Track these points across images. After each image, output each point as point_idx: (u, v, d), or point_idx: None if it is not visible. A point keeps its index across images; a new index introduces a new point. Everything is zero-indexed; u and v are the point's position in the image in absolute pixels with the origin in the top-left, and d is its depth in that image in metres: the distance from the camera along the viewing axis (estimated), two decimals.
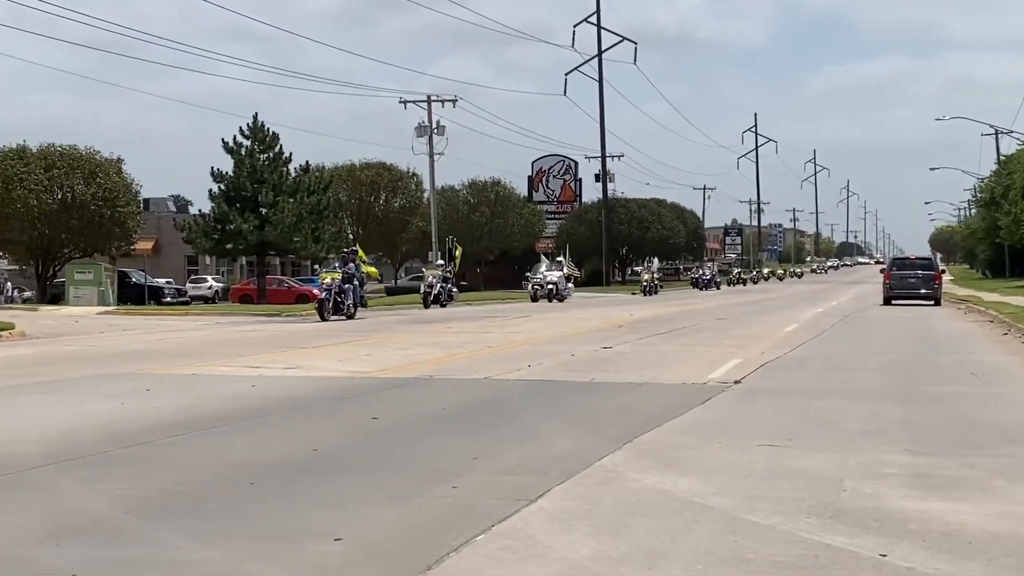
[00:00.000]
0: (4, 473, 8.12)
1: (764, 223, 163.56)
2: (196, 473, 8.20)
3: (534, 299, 50.79)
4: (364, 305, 35.37)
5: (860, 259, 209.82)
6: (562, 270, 54.22)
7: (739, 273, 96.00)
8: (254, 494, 7.42)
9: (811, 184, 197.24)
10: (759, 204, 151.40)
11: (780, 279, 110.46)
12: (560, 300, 50.84)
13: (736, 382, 14.26)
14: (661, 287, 70.51)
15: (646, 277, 67.00)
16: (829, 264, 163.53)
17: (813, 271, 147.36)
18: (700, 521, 6.65)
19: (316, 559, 5.88)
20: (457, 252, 49.71)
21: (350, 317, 32.67)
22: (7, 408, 12.15)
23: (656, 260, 73.47)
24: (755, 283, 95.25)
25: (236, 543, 6.19)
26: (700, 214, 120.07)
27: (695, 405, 12.01)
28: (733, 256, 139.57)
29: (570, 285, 54.92)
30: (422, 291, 44.84)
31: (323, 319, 31.80)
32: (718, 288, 76.57)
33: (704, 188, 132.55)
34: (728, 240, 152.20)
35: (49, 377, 15.56)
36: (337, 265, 35.04)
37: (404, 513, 6.94)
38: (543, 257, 57.99)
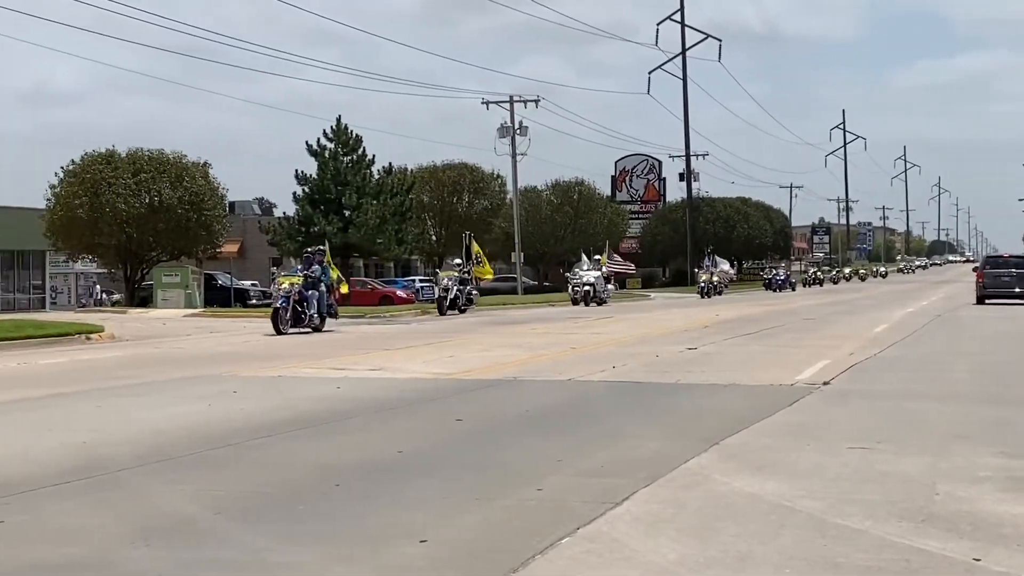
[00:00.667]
0: (95, 474, 8.23)
1: (853, 221, 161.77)
2: (283, 475, 8.25)
3: (575, 302, 46.54)
4: (334, 315, 29.93)
5: (951, 257, 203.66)
6: (600, 269, 49.20)
7: (815, 273, 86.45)
8: (340, 496, 7.45)
9: (901, 181, 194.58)
10: (847, 202, 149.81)
11: (862, 279, 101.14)
12: (599, 303, 46.46)
13: (825, 383, 14.05)
14: (726, 287, 65.55)
15: (704, 278, 60.20)
16: (917, 263, 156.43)
17: (900, 270, 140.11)
18: (788, 525, 6.54)
19: (402, 561, 5.88)
20: (475, 249, 43.89)
21: (316, 330, 27.83)
22: (97, 410, 12.34)
23: (718, 259, 67.03)
24: (834, 283, 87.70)
25: (323, 544, 6.21)
26: (787, 213, 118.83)
27: (783, 407, 11.84)
28: (821, 255, 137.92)
29: (609, 287, 50.58)
30: (436, 296, 41.17)
31: (278, 331, 26.62)
32: (793, 289, 70.94)
33: (791, 186, 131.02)
34: (816, 239, 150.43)
35: (138, 379, 15.80)
36: (299, 268, 29.86)
37: (489, 515, 6.92)
38: (583, 255, 52.05)
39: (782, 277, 72.16)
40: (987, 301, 41.54)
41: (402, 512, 6.94)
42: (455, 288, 39.33)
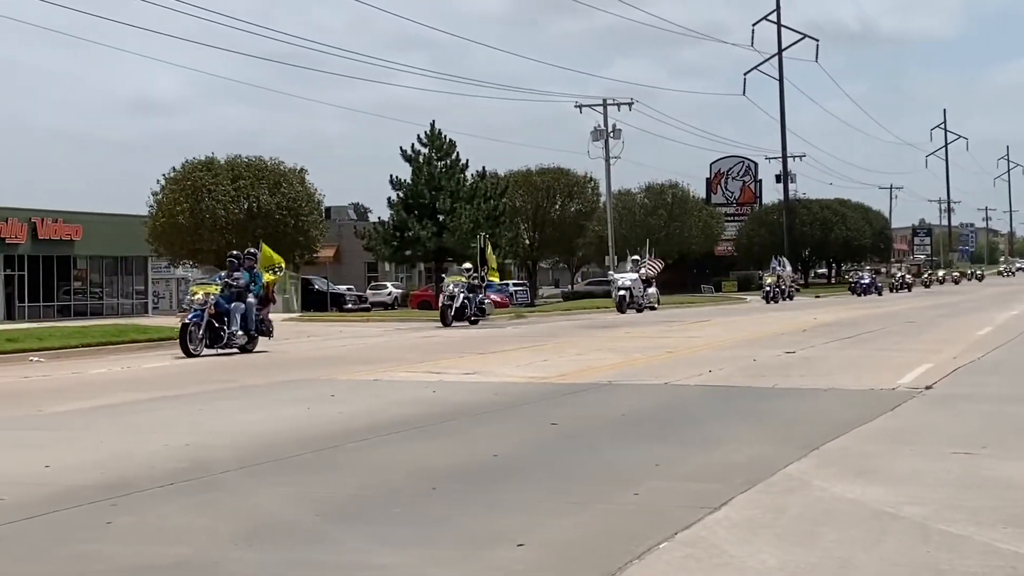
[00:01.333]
0: (198, 476, 8.38)
1: (955, 223, 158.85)
2: (381, 477, 8.33)
3: (620, 310, 42.25)
4: (268, 333, 24.12)
5: None
6: (639, 271, 44.66)
7: (902, 277, 78.99)
8: (437, 499, 7.50)
9: (1004, 182, 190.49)
10: (949, 203, 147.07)
11: (956, 282, 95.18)
12: (638, 310, 42.57)
13: (927, 387, 13.81)
14: (798, 291, 62.43)
15: (769, 281, 55.38)
16: (1018, 265, 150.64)
17: (999, 273, 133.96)
18: (891, 531, 6.45)
19: (499, 564, 5.90)
20: (489, 252, 38.26)
21: (243, 349, 22.99)
22: (199, 413, 12.57)
23: (783, 261, 60.78)
24: (926, 287, 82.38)
25: (421, 548, 6.26)
26: (887, 214, 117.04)
27: (884, 411, 11.67)
28: (922, 257, 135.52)
29: (651, 290, 45.52)
30: (440, 304, 36.17)
31: (187, 354, 21.62)
32: (879, 294, 66.71)
33: (891, 187, 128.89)
34: (916, 241, 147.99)
35: (238, 383, 16.05)
36: (220, 275, 24.32)
37: (586, 519, 6.92)
38: (628, 256, 47.53)
39: (866, 281, 68.78)
40: None
41: (498, 515, 6.97)
42: (462, 296, 34.50)
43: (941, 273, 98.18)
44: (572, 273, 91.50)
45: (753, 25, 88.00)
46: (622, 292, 42.39)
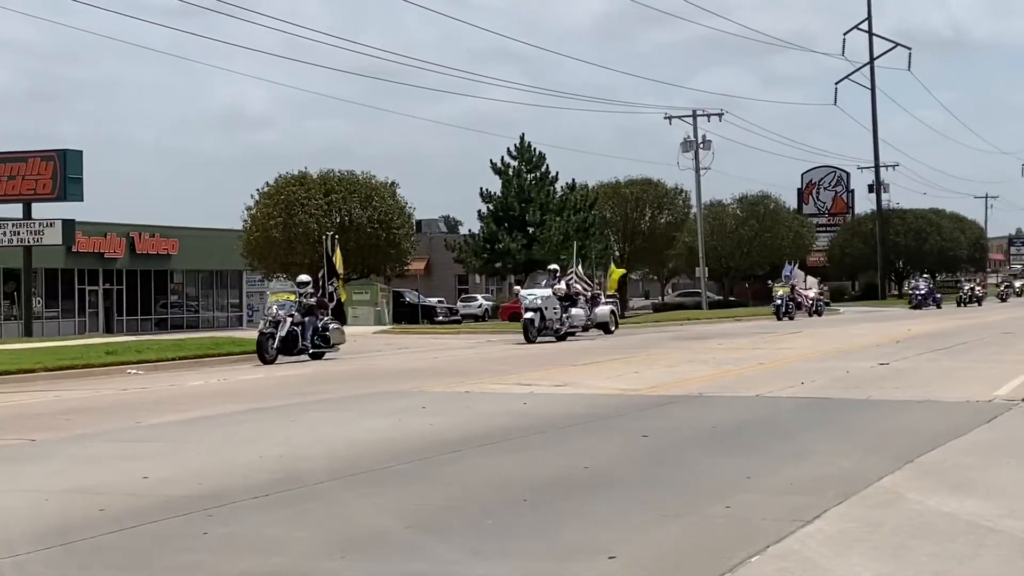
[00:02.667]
0: (292, 487, 8.50)
1: None
2: (472, 489, 8.38)
3: (527, 338, 30.75)
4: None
5: None
6: (558, 283, 32.59)
7: (971, 289, 67.28)
8: (528, 511, 7.53)
9: None
10: None
11: (1019, 294, 79.75)
12: (557, 337, 31.33)
13: None
14: (827, 304, 54.95)
15: (780, 292, 47.20)
16: None
17: None
18: (988, 545, 6.34)
19: None
20: (337, 258, 29.59)
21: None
22: (293, 425, 12.73)
23: (797, 271, 53.02)
24: (1002, 300, 70.75)
25: (513, 560, 6.29)
26: (982, 224, 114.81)
27: (980, 424, 11.47)
28: (1019, 267, 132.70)
29: (599, 309, 35.32)
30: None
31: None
32: (938, 307, 58.85)
33: (986, 196, 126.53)
34: (1013, 250, 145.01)
35: (330, 395, 16.23)
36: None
37: (677, 532, 6.90)
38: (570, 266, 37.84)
39: (923, 291, 60.76)
40: None
41: (590, 528, 6.97)
42: (290, 322, 24.62)
43: (1018, 284, 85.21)
44: (663, 284, 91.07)
45: (844, 34, 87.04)
46: (529, 315, 31.04)
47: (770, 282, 53.21)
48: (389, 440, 11.05)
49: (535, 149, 56.17)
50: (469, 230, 63.40)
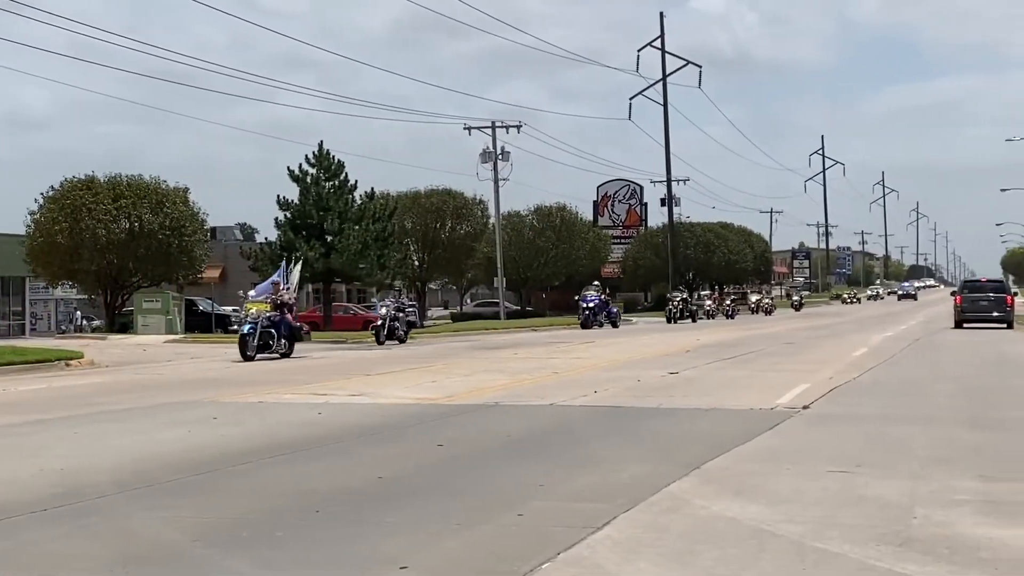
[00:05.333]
0: (74, 501, 8.20)
1: (832, 246, 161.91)
2: (264, 501, 8.24)
3: (242, 354, 26.78)
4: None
5: (916, 284, 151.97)
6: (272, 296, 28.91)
7: (759, 300, 70.39)
8: (321, 522, 7.44)
9: (880, 206, 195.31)
10: (827, 227, 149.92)
11: (767, 312, 71.51)
12: (244, 357, 26.59)
13: (804, 407, 14.11)
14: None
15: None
16: (869, 292, 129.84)
17: (844, 300, 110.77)
18: (769, 549, 6.56)
19: None
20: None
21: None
22: (77, 437, 12.29)
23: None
24: (728, 316, 64.45)
25: (303, 571, 6.20)
26: (767, 238, 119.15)
27: (763, 431, 11.88)
28: (801, 280, 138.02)
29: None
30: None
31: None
32: (693, 321, 57.93)
33: (771, 211, 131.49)
34: (796, 264, 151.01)
35: (118, 406, 15.74)
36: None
37: (470, 540, 6.92)
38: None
39: (591, 303, 50.08)
40: (965, 325, 41.75)
41: (383, 538, 6.94)
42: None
43: (796, 299, 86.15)
44: (461, 294, 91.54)
45: (638, 51, 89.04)
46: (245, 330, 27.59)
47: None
48: (178, 452, 10.77)
49: (334, 157, 55.70)
50: (266, 238, 62.39)
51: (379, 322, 36.40)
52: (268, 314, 28.03)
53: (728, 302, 66.91)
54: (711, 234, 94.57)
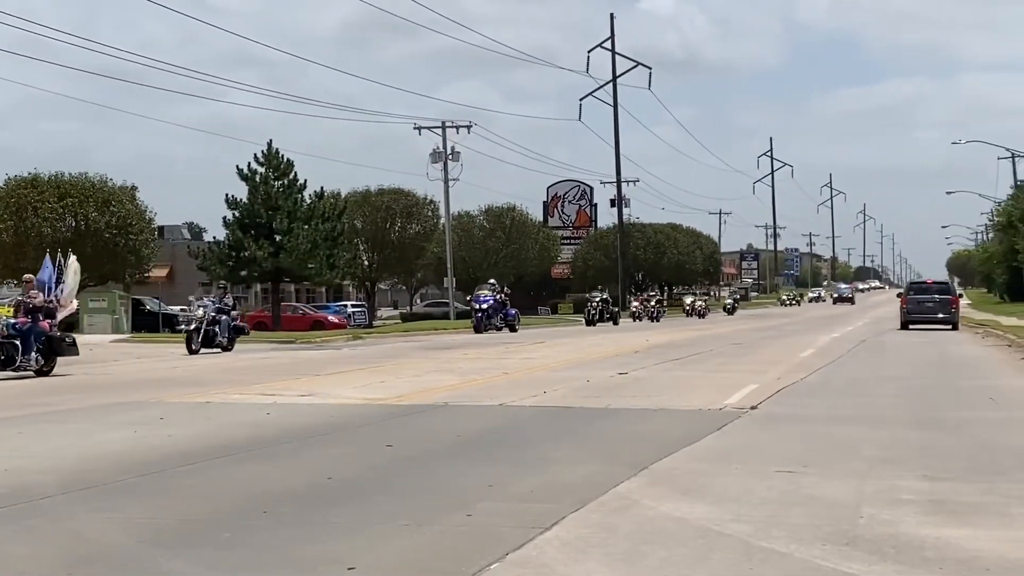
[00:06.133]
0: (17, 503, 8.10)
1: (780, 247, 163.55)
2: (210, 502, 8.17)
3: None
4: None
5: (839, 285, 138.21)
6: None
7: (693, 303, 70.07)
8: (268, 523, 7.39)
9: (828, 208, 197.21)
10: (775, 229, 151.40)
11: (701, 315, 68.64)
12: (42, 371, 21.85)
13: (752, 408, 14.20)
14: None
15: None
16: (811, 294, 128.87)
17: (783, 301, 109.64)
18: (716, 548, 6.59)
19: None
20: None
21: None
22: (20, 437, 12.14)
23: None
24: (653, 319, 61.93)
25: (251, 572, 6.16)
26: (716, 239, 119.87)
27: (711, 431, 11.94)
28: (750, 281, 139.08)
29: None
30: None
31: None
32: (616, 323, 56.06)
33: (720, 213, 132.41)
34: (744, 265, 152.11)
35: (63, 406, 15.57)
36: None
37: (418, 541, 6.91)
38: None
39: (486, 303, 46.09)
40: (911, 326, 42.22)
41: (331, 539, 6.90)
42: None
43: (730, 302, 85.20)
44: (411, 295, 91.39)
45: (588, 52, 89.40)
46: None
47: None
48: (124, 453, 10.66)
49: (283, 156, 55.45)
50: (214, 237, 61.98)
51: (192, 326, 31.30)
52: (11, 321, 21.15)
53: (653, 303, 65.97)
54: (661, 235, 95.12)
